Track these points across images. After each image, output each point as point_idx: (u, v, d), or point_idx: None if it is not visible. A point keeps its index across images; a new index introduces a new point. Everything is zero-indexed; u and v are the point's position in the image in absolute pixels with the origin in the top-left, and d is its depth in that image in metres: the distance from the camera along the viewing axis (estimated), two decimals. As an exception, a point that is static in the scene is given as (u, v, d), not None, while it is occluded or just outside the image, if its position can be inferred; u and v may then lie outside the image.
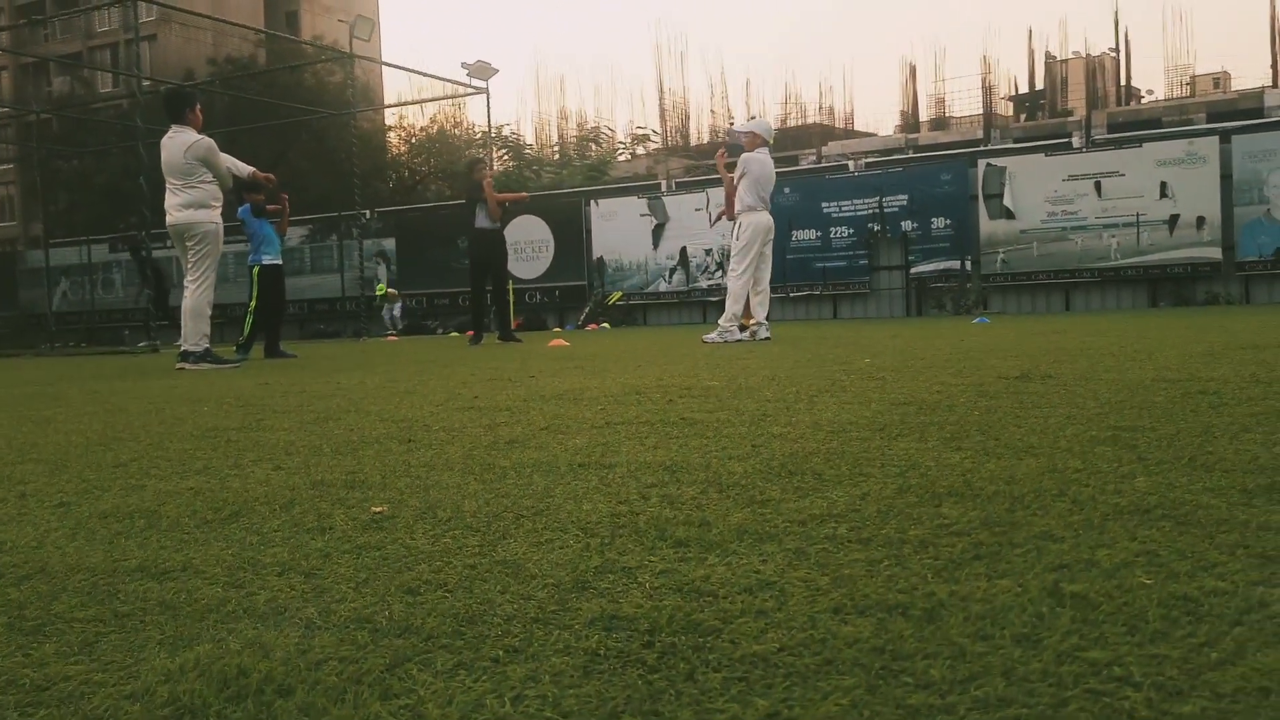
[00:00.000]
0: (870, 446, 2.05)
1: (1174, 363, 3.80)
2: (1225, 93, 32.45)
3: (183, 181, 6.62)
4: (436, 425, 2.67)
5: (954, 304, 16.97)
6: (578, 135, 39.84)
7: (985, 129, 33.12)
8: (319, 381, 4.86)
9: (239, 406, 3.50)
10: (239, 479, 1.87)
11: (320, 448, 2.30)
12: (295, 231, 20.46)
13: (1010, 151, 18.33)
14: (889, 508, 1.44)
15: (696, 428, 2.45)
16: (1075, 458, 1.80)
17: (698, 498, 1.57)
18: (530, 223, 19.68)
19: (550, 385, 3.97)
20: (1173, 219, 15.26)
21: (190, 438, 2.58)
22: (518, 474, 1.84)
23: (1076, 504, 1.41)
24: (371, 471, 1.91)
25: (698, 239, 18.81)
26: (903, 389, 3.26)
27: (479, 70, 17.98)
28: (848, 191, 17.94)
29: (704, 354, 6.59)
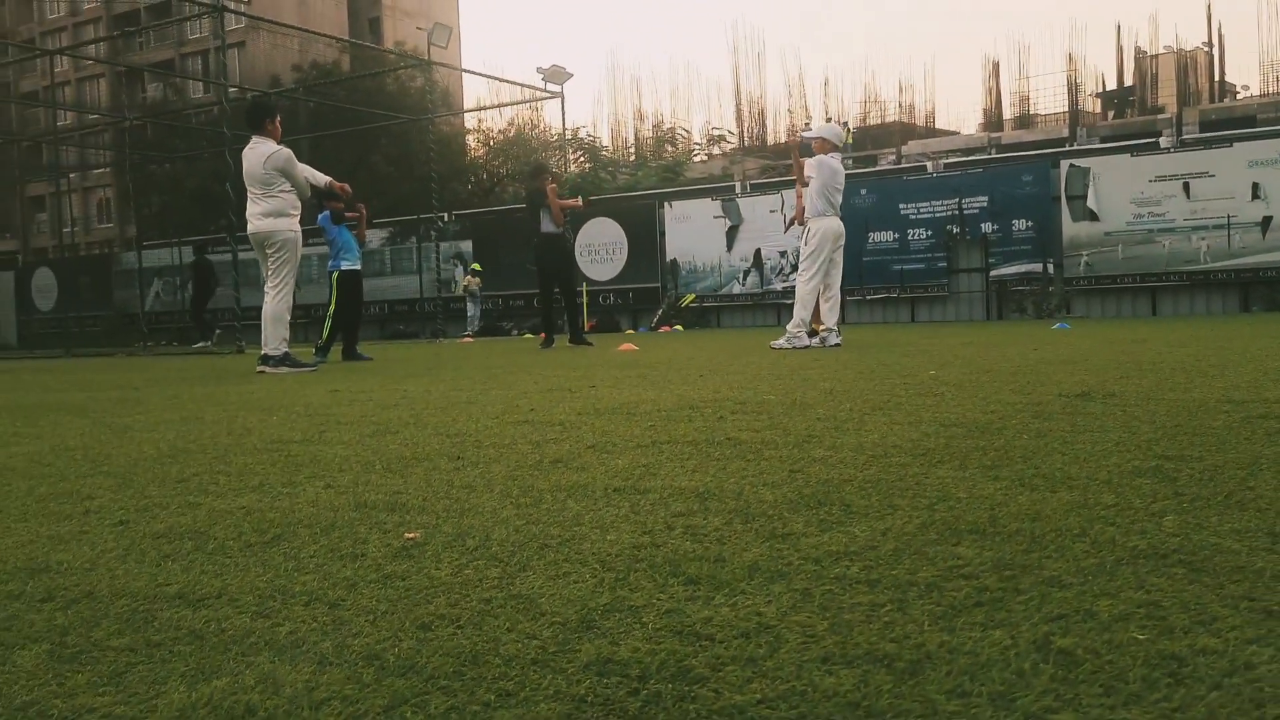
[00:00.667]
0: (907, 474, 2.06)
1: (1245, 381, 3.69)
2: (1327, 87, 31.14)
3: (262, 191, 6.85)
4: (488, 441, 2.74)
5: (1035, 308, 16.62)
6: (653, 136, 39.92)
7: (1071, 127, 32.30)
8: (386, 389, 5.00)
9: (306, 416, 3.63)
10: (289, 498, 1.96)
11: (372, 464, 2.38)
12: (375, 234, 20.92)
13: (1094, 152, 17.88)
14: (907, 545, 1.45)
15: (740, 449, 2.48)
16: (1110, 491, 1.79)
17: (721, 529, 1.60)
18: (604, 225, 19.83)
19: (607, 397, 4.03)
20: (1265, 221, 14.74)
21: (254, 451, 2.70)
22: (553, 498, 1.90)
23: (1095, 545, 1.41)
24: (415, 493, 1.98)
25: (772, 241, 18.74)
26: (958, 407, 3.24)
27: (554, 75, 18.19)
28: (926, 193, 17.70)
29: (770, 362, 6.59)
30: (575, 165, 29.81)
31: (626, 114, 40.84)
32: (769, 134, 39.80)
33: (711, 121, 41.15)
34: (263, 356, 7.02)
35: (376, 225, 21.28)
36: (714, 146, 38.84)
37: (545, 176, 11.28)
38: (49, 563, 1.51)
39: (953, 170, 18.35)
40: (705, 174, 32.23)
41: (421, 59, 18.52)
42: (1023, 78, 37.56)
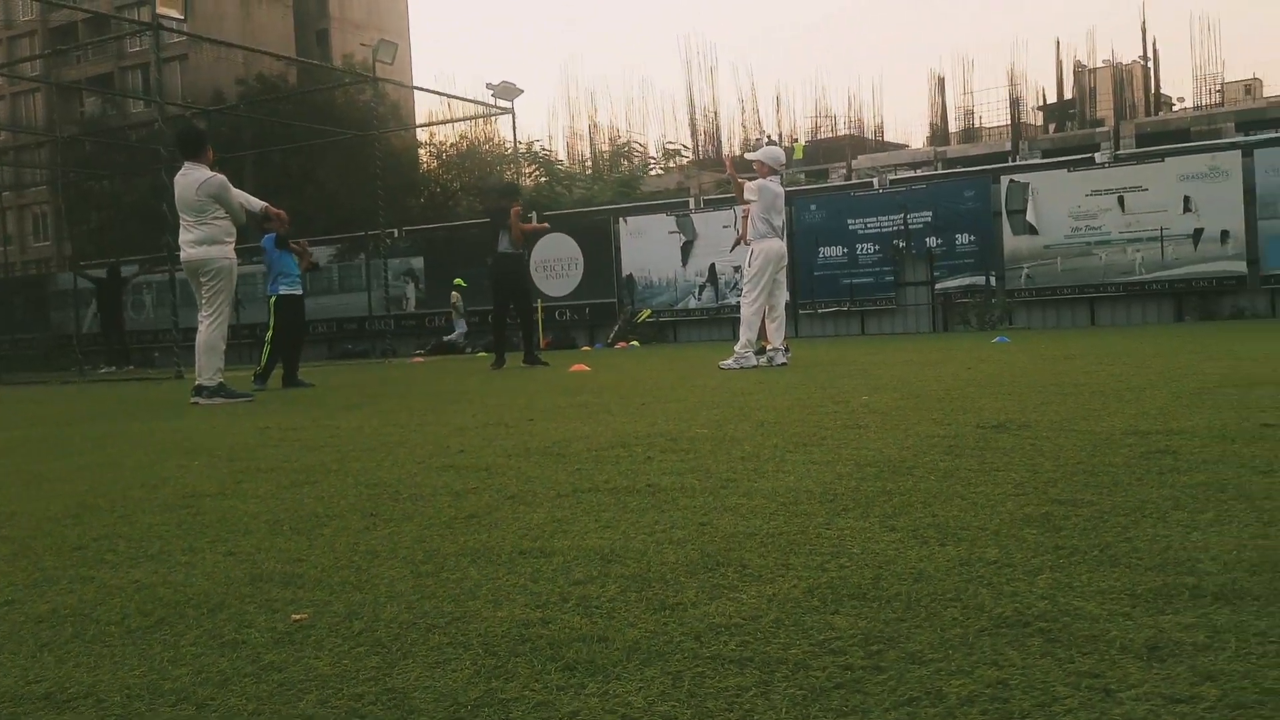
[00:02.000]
0: (811, 526, 2.10)
1: (1156, 407, 3.80)
2: (1255, 100, 31.99)
3: (195, 218, 6.78)
4: (406, 493, 2.75)
5: (979, 319, 16.89)
6: (609, 150, 40.03)
7: (1013, 140, 32.87)
8: (318, 425, 4.96)
9: (227, 461, 3.60)
10: (185, 569, 1.95)
11: (280, 524, 2.38)
12: (323, 251, 20.73)
13: (1033, 167, 18.24)
14: (787, 615, 1.48)
15: (657, 497, 2.51)
16: (996, 545, 1.84)
17: (614, 600, 1.62)
18: (559, 240, 19.83)
19: (542, 434, 4.04)
20: (1197, 233, 15.13)
21: (162, 508, 2.67)
22: (456, 564, 1.91)
23: (965, 611, 1.45)
24: (317, 560, 1.99)
25: (726, 256, 18.88)
26: (877, 442, 3.30)
27: (504, 91, 18.17)
28: (873, 208, 17.95)
29: (715, 384, 6.64)
30: (530, 179, 29.78)
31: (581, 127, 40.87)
32: (724, 147, 40.09)
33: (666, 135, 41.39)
34: (196, 388, 6.93)
35: (324, 242, 21.09)
36: (669, 160, 39.03)
37: (513, 198, 11.34)
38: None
39: (898, 187, 18.62)
40: (661, 188, 32.36)
41: (368, 75, 18.39)
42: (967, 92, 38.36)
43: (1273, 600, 1.41)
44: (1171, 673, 1.17)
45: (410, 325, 21.34)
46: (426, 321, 21.41)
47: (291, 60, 29.86)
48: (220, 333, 6.86)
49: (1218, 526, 1.87)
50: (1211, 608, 1.40)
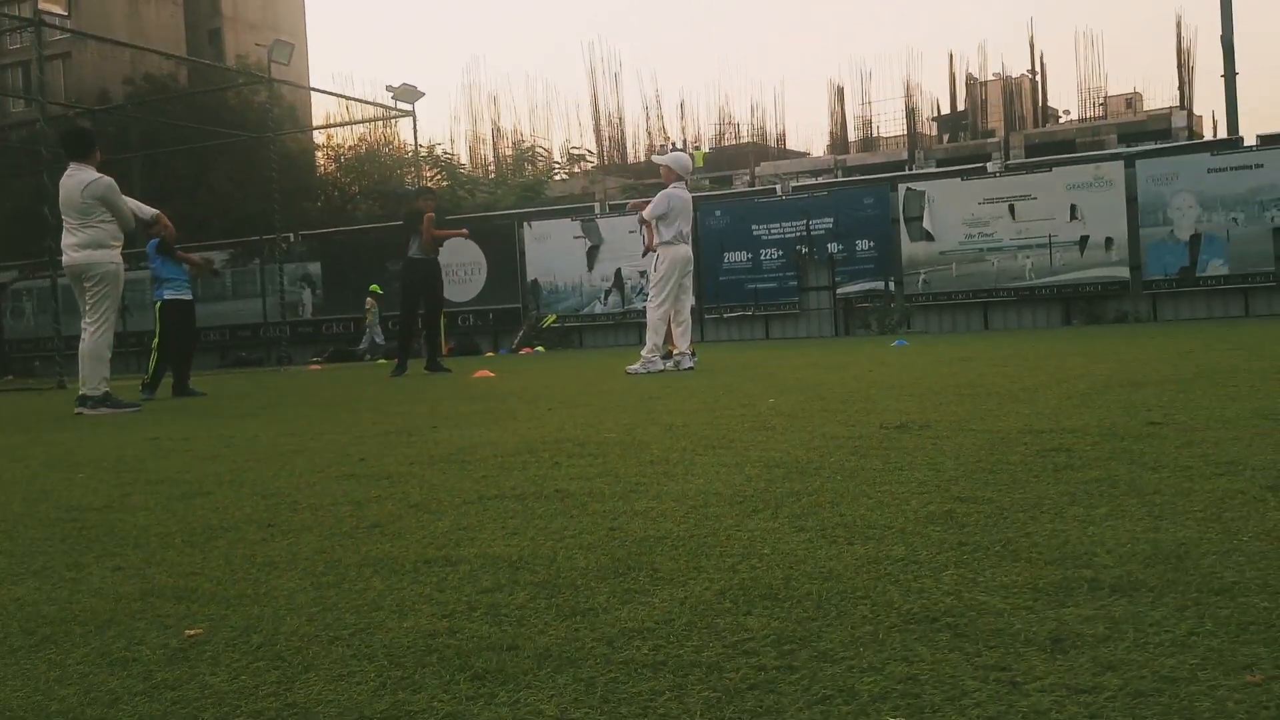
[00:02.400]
0: (721, 527, 2.10)
1: (1049, 408, 3.92)
2: (1136, 113, 33.51)
3: (80, 220, 6.50)
4: (305, 503, 2.66)
5: (879, 323, 17.29)
6: (513, 154, 39.80)
7: (910, 149, 33.79)
8: (210, 434, 4.80)
9: (114, 473, 3.45)
10: (70, 585, 1.85)
11: (172, 537, 2.28)
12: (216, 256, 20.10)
13: (929, 176, 18.77)
14: (700, 618, 1.48)
15: (566, 503, 2.48)
16: (902, 543, 1.86)
17: (524, 607, 1.59)
18: (463, 245, 19.52)
19: (446, 440, 3.97)
20: (1083, 240, 15.76)
21: (46, 522, 2.54)
22: (358, 574, 1.85)
23: (874, 609, 1.46)
24: (211, 573, 1.90)
25: (632, 261, 18.96)
26: (785, 443, 3.33)
27: (404, 94, 17.91)
28: (776, 215, 18.23)
29: (623, 389, 6.63)
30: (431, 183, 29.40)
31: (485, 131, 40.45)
32: (628, 153, 40.23)
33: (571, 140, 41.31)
34: (80, 397, 6.64)
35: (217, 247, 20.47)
36: (574, 165, 38.99)
37: (428, 199, 11.15)
38: None
39: (801, 193, 18.95)
40: (566, 193, 32.29)
41: (264, 76, 17.92)
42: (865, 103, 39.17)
43: (1166, 591, 1.46)
44: (1074, 664, 1.20)
45: (307, 332, 20.86)
46: (324, 328, 20.97)
47: (182, 59, 28.89)
48: (105, 340, 6.58)
49: (1112, 521, 1.93)
50: (1109, 600, 1.44)
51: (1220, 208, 14.77)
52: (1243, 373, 5.01)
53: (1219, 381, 4.60)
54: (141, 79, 28.56)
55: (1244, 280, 14.78)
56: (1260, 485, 2.15)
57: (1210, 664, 1.16)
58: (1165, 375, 5.14)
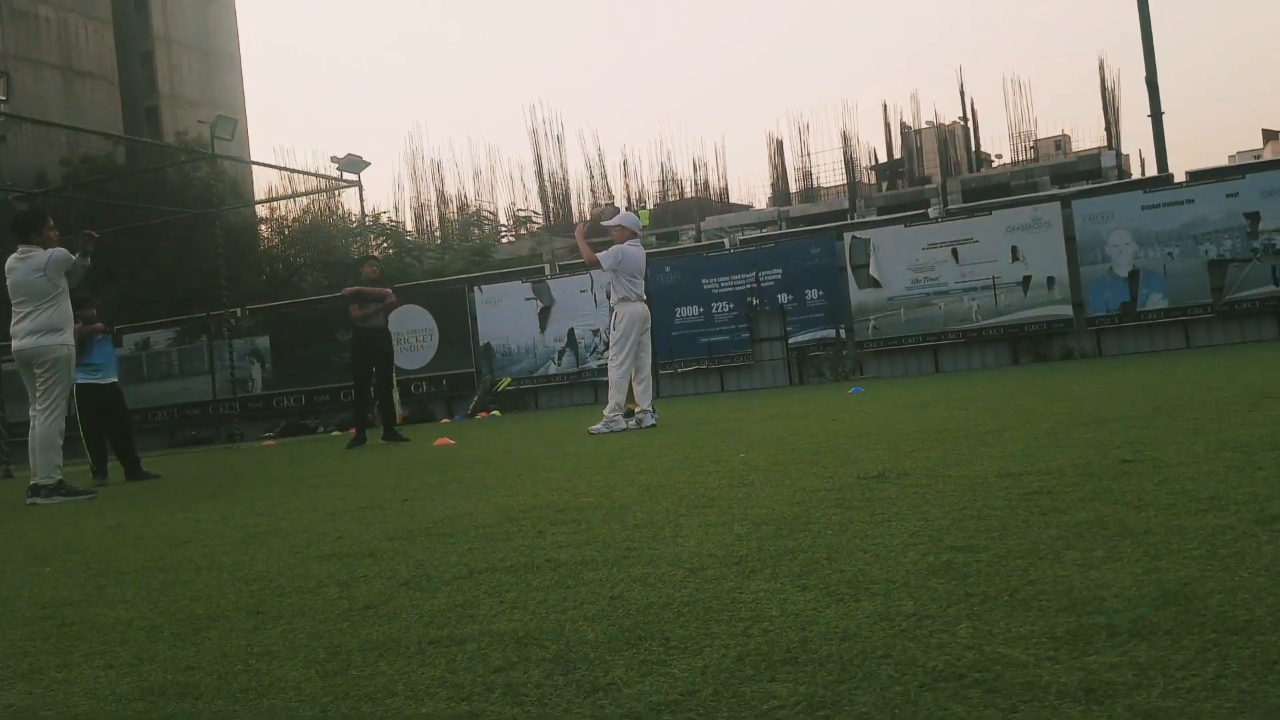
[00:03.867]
0: (723, 590, 2.08)
1: (1017, 450, 3.97)
2: (1066, 155, 34.54)
3: (35, 306, 6.38)
4: (290, 586, 2.60)
5: (832, 371, 17.44)
6: (458, 219, 39.87)
7: (850, 198, 34.47)
8: (175, 519, 4.69)
9: (83, 566, 3.35)
10: (63, 688, 1.79)
11: (159, 629, 2.21)
12: (162, 335, 19.83)
13: (873, 224, 19.11)
14: (724, 687, 1.46)
15: (559, 573, 2.45)
16: (909, 597, 1.86)
17: (542, 685, 1.56)
18: (413, 312, 19.49)
19: (422, 513, 3.92)
20: (1025, 280, 16.09)
21: (23, 621, 2.45)
22: (363, 659, 1.81)
23: (899, 668, 1.46)
24: (209, 667, 1.85)
25: (585, 320, 19.00)
26: (766, 499, 3.33)
27: (349, 164, 17.90)
28: (725, 268, 18.41)
29: (589, 450, 6.60)
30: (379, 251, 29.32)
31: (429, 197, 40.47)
32: (574, 213, 40.51)
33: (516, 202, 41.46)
34: (33, 487, 6.45)
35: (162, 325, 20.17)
36: (520, 227, 39.15)
37: (372, 266, 11.21)
38: None
39: (749, 246, 19.18)
40: (513, 255, 32.39)
41: (206, 151, 17.84)
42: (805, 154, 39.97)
43: (1183, 633, 1.47)
44: (1112, 714, 1.20)
45: (257, 407, 20.54)
46: (274, 402, 20.66)
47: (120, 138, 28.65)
48: (57, 427, 6.42)
49: (1111, 564, 1.95)
50: (1130, 645, 1.45)
51: (1156, 243, 15.20)
52: (1199, 406, 5.12)
53: (1177, 416, 4.70)
54: (79, 160, 28.25)
55: (1183, 313, 15.17)
56: (1248, 520, 2.19)
57: (1246, 707, 1.18)
58: (1123, 412, 5.23)
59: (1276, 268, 14.52)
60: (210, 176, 27.42)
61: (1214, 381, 6.94)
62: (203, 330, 20.66)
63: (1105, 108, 32.70)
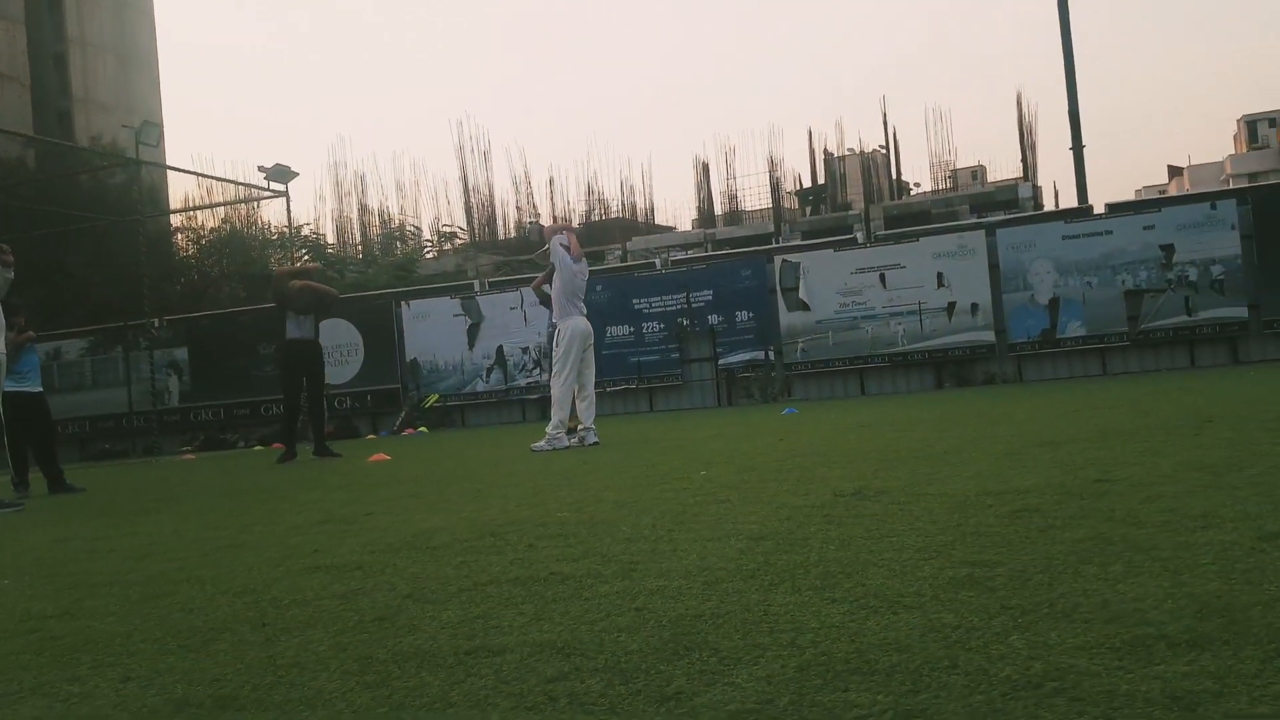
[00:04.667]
0: (749, 602, 2.08)
1: (985, 469, 4.05)
2: (984, 185, 35.61)
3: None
4: (287, 598, 2.52)
5: (761, 392, 17.60)
6: (381, 233, 39.27)
7: (775, 222, 34.94)
8: (124, 532, 4.50)
9: (46, 578, 3.19)
10: (86, 702, 1.70)
11: (165, 641, 2.12)
12: (75, 345, 19.13)
13: (803, 248, 19.40)
14: (799, 695, 1.46)
15: (569, 585, 2.42)
16: (946, 609, 1.88)
17: (606, 694, 1.54)
18: (338, 326, 19.12)
19: (393, 527, 3.83)
20: (950, 306, 16.49)
21: (7, 634, 2.33)
22: (401, 670, 1.76)
23: (970, 678, 1.47)
24: (235, 678, 1.78)
25: (514, 337, 18.87)
26: (750, 515, 3.33)
27: (277, 174, 17.54)
28: (656, 288, 18.48)
29: (539, 467, 6.54)
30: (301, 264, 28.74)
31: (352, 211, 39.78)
32: (499, 229, 40.23)
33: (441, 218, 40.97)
34: (-42, 498, 6.15)
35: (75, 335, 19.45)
36: (445, 243, 38.74)
37: (305, 279, 11.04)
38: None
39: (680, 267, 19.29)
40: (439, 271, 32.01)
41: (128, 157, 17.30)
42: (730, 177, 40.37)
43: (1240, 644, 1.51)
44: (1208, 718, 1.23)
45: (174, 420, 19.92)
46: (192, 415, 20.07)
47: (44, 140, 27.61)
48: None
49: (1133, 578, 2.00)
50: (1193, 656, 1.48)
51: (1075, 273, 15.73)
52: (1145, 430, 5.29)
53: (1129, 439, 4.84)
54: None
55: (1100, 341, 15.71)
56: (1251, 537, 2.26)
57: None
58: (1071, 435, 5.36)
59: (1189, 298, 15.16)
60: (126, 183, 26.59)
61: (1147, 407, 7.18)
62: (118, 340, 19.98)
63: (1021, 140, 33.83)
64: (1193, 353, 15.47)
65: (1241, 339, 15.25)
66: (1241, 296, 15.05)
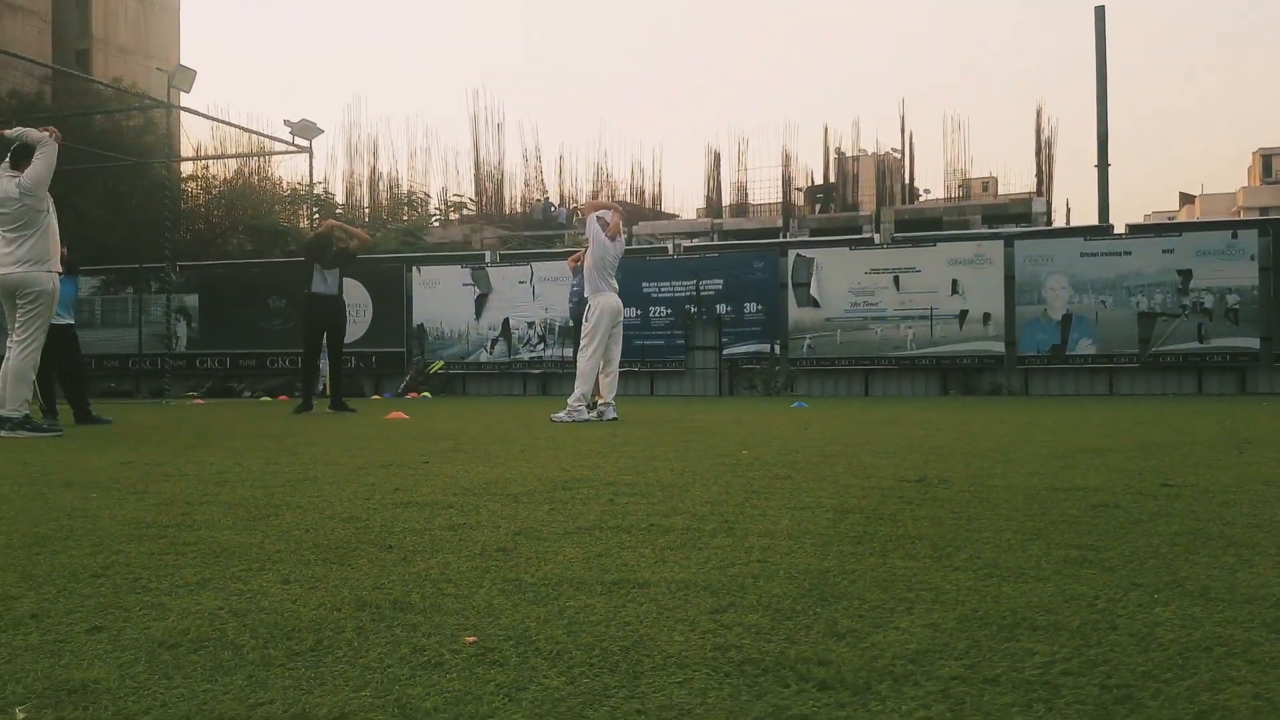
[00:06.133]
0: (870, 565, 2.13)
1: (1040, 468, 4.11)
2: (995, 196, 35.70)
3: (17, 232, 6.10)
4: (396, 527, 2.58)
5: (764, 385, 17.67)
6: (390, 198, 39.18)
7: (784, 218, 34.96)
8: (186, 460, 4.55)
9: (133, 496, 3.24)
10: (260, 597, 1.75)
11: (300, 554, 2.17)
12: (86, 282, 19.06)
13: (818, 244, 19.43)
14: (973, 641, 1.52)
15: (676, 536, 2.47)
16: (1076, 582, 1.94)
17: (775, 627, 1.60)
18: (348, 285, 19.08)
19: (459, 475, 3.89)
20: (962, 314, 16.58)
21: (132, 538, 2.37)
22: (561, 593, 1.81)
23: (1136, 639, 1.53)
24: (396, 586, 1.83)
25: (520, 311, 18.90)
26: (822, 492, 3.38)
27: (303, 129, 17.54)
28: (667, 273, 18.52)
29: (571, 436, 6.58)
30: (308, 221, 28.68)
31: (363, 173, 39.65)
32: (506, 204, 40.16)
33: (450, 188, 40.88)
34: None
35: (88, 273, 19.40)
36: (453, 213, 38.68)
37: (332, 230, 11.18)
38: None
39: (692, 254, 19.32)
40: (445, 240, 31.96)
41: (160, 100, 17.24)
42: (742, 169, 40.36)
43: (1396, 624, 1.58)
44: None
45: (180, 366, 19.90)
46: (198, 362, 20.07)
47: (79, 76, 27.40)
48: (32, 361, 6.16)
49: (1248, 569, 2.05)
50: (1356, 630, 1.54)
51: (1090, 290, 15.83)
52: (1184, 445, 5.36)
53: (1172, 452, 4.91)
54: (7, 95, 26.95)
55: (1109, 360, 15.83)
56: (1354, 538, 2.33)
57: None
58: (1111, 445, 5.42)
59: (1202, 325, 15.28)
60: (142, 127, 26.48)
61: (1178, 426, 7.24)
62: (130, 282, 19.95)
63: (1039, 154, 33.90)
64: (1201, 380, 15.60)
65: (1251, 370, 15.38)
66: (1255, 328, 15.18)
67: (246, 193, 31.15)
